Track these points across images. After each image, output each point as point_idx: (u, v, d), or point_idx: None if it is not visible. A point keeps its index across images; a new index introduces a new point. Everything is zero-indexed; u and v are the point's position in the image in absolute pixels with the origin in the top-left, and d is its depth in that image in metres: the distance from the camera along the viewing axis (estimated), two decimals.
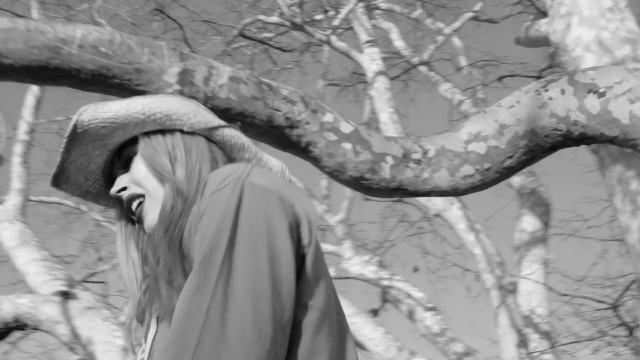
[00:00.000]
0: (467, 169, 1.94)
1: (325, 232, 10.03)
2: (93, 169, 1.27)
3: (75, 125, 1.19)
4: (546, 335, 5.42)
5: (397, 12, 8.41)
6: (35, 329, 4.57)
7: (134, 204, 1.19)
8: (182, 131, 1.21)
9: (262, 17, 6.35)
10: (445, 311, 10.26)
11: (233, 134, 1.24)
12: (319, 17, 7.86)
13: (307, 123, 1.88)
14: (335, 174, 1.94)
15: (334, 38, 5.67)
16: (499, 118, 1.94)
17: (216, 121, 1.23)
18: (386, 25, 8.73)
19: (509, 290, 4.06)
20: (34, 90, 5.73)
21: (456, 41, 8.48)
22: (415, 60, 7.46)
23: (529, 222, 6.52)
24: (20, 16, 6.96)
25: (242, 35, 6.52)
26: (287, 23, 5.69)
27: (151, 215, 1.17)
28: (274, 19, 6.22)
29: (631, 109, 1.78)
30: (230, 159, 1.24)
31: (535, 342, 5.55)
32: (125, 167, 1.23)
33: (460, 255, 7.10)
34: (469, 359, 5.72)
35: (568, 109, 1.86)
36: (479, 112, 2.01)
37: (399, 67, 8.87)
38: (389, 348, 5.49)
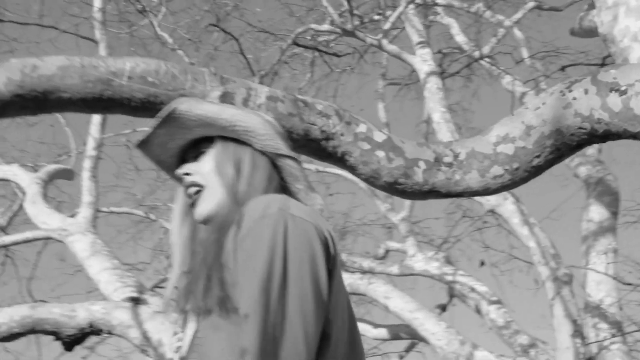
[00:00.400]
0: (497, 170, 2.04)
1: (390, 230, 10.15)
2: (171, 147, 1.45)
3: (172, 111, 1.37)
4: (615, 325, 5.42)
5: (456, 6, 8.43)
6: (109, 333, 4.80)
7: (192, 189, 1.36)
8: (252, 147, 1.38)
9: (313, 25, 6.49)
10: (511, 304, 10.23)
11: (293, 165, 1.40)
12: (372, 19, 7.98)
13: (342, 134, 2.01)
14: (371, 180, 2.07)
15: (385, 42, 5.76)
16: (525, 120, 2.03)
17: (283, 150, 1.38)
18: (446, 20, 8.78)
19: (564, 281, 4.10)
20: None
21: (517, 33, 8.47)
22: (477, 54, 7.49)
23: (597, 212, 6.49)
24: (86, 38, 7.28)
25: (295, 43, 6.71)
26: (338, 30, 5.83)
27: (203, 205, 1.35)
28: (326, 26, 6.35)
29: None
30: (282, 184, 1.40)
31: (603, 332, 5.56)
32: (196, 157, 1.41)
33: (527, 248, 7.13)
34: (534, 350, 5.75)
35: (591, 108, 1.94)
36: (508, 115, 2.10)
37: (460, 62, 8.92)
38: (451, 342, 5.57)
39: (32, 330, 4.77)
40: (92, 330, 4.87)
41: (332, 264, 1.21)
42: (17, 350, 10.14)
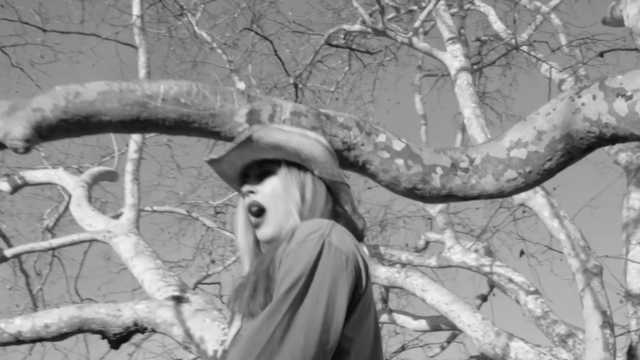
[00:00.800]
0: (511, 173, 2.16)
1: (430, 222, 10.25)
2: (237, 165, 1.62)
3: (249, 137, 1.54)
4: None
5: None
6: (153, 331, 4.99)
7: (255, 209, 1.54)
8: (312, 173, 1.57)
9: (345, 26, 6.62)
10: (550, 294, 10.24)
11: (345, 190, 1.59)
12: (406, 11, 8.06)
13: (362, 145, 2.14)
14: (391, 187, 2.20)
15: (415, 40, 5.85)
16: (537, 125, 2.14)
17: (338, 177, 1.58)
18: (483, 8, 8.83)
19: (593, 273, 4.16)
20: None
21: (555, 20, 8.47)
22: (514, 41, 7.53)
23: (637, 199, 6.49)
24: (126, 44, 7.50)
25: (328, 44, 6.86)
26: (369, 30, 5.94)
27: (267, 229, 1.54)
28: (357, 27, 6.46)
29: None
30: (335, 202, 1.59)
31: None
32: (259, 175, 1.59)
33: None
34: (571, 340, 5.81)
35: (599, 113, 2.04)
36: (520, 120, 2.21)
37: (497, 51, 8.97)
38: (487, 333, 5.66)
39: (79, 329, 4.99)
40: (137, 329, 5.07)
41: (362, 289, 1.38)
42: (66, 347, 10.45)
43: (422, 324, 8.92)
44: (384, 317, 9.31)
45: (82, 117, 1.95)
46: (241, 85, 8.30)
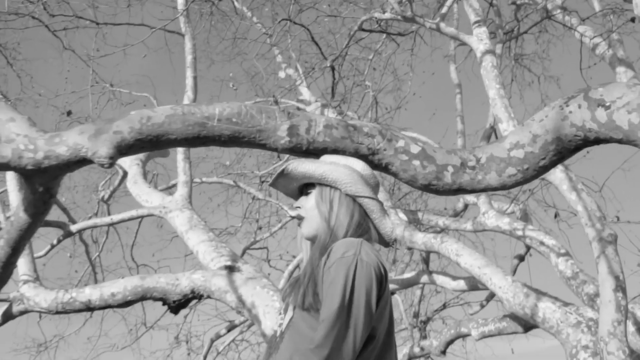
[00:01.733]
0: (511, 170, 2.55)
1: None
2: (293, 186, 2.21)
3: (282, 170, 2.12)
4: None
5: None
6: (209, 297, 5.50)
7: (300, 218, 2.13)
8: (341, 190, 2.12)
9: (377, 14, 6.95)
10: (579, 256, 10.58)
11: (369, 202, 2.13)
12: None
13: (385, 149, 2.55)
14: (410, 183, 2.61)
15: (442, 25, 6.16)
16: (532, 130, 2.52)
17: (361, 192, 2.12)
18: None
19: (608, 241, 4.51)
20: (188, 94, 6.65)
21: None
22: (546, 9, 7.76)
23: None
24: (173, 32, 7.92)
25: (362, 29, 7.23)
26: (399, 17, 6.26)
27: (303, 230, 2.11)
28: (387, 15, 6.77)
29: (629, 118, 2.32)
30: (362, 213, 2.13)
31: None
32: (307, 193, 2.16)
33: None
34: (599, 299, 6.18)
35: (584, 120, 2.41)
36: (519, 125, 2.59)
37: (531, 18, 9.18)
38: (517, 295, 6.06)
39: (142, 297, 5.52)
40: (193, 296, 5.58)
41: (383, 290, 1.90)
42: (123, 310, 11.16)
43: (461, 284, 9.32)
44: (424, 279, 9.74)
45: (153, 137, 2.40)
46: (282, 74, 8.69)
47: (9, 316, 5.64)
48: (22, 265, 5.71)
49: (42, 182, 2.49)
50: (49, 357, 11.78)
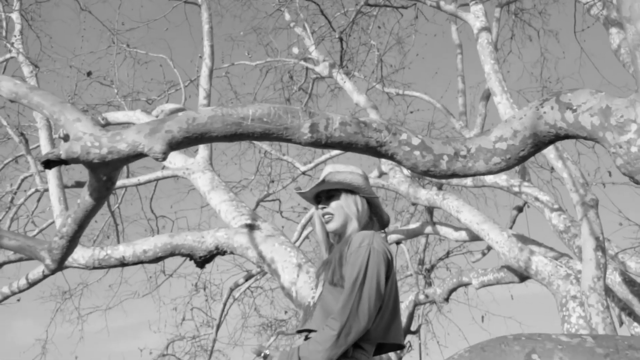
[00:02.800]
0: (496, 159, 3.04)
1: None
2: (312, 192, 2.81)
3: (324, 179, 2.78)
4: None
5: None
6: (232, 253, 6.04)
7: (327, 217, 2.72)
8: (359, 194, 2.74)
9: None
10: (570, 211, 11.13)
11: (377, 202, 2.77)
12: None
13: (390, 142, 3.05)
14: (412, 169, 3.10)
15: (442, 3, 6.55)
16: (513, 126, 3.01)
17: (372, 194, 2.77)
18: None
19: (590, 205, 5.00)
20: (206, 62, 7.10)
21: None
22: None
23: None
24: (190, 2, 8.33)
25: (367, 4, 7.63)
26: None
27: (333, 224, 2.72)
28: None
29: (591, 120, 2.80)
30: (372, 209, 2.77)
31: None
32: (328, 198, 2.77)
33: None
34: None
35: (555, 119, 2.90)
36: (502, 122, 3.07)
37: None
38: (512, 249, 6.59)
39: (171, 253, 6.08)
40: (218, 252, 6.13)
41: (390, 270, 2.48)
42: None
43: (463, 234, 9.87)
44: (428, 229, 10.29)
45: (198, 135, 2.90)
46: (295, 50, 9.09)
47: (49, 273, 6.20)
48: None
49: (105, 173, 3.00)
50: (73, 304, 12.46)
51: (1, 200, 10.22)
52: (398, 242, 10.78)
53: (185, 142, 2.92)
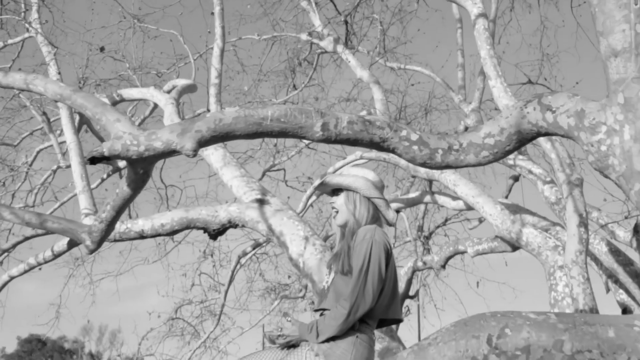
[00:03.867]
0: (485, 153, 3.45)
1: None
2: (325, 190, 3.29)
3: (323, 181, 3.20)
4: None
5: None
6: (243, 226, 6.47)
7: (333, 212, 3.16)
8: (360, 193, 3.17)
9: None
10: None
11: (378, 201, 3.22)
12: None
13: (392, 138, 3.46)
14: (410, 161, 3.52)
15: None
16: (500, 124, 3.41)
17: (373, 194, 3.21)
18: None
19: (575, 184, 5.41)
20: (217, 42, 7.47)
21: None
22: None
23: None
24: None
25: None
26: None
27: (338, 219, 3.18)
28: None
29: (568, 121, 3.21)
30: (376, 209, 3.19)
31: None
32: (336, 194, 3.23)
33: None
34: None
35: (537, 119, 3.30)
36: (491, 119, 3.48)
37: None
38: (505, 221, 7.03)
39: (187, 227, 6.51)
40: (230, 225, 6.56)
41: (389, 259, 2.93)
42: None
43: (460, 203, 10.30)
44: (427, 198, 10.73)
45: (224, 133, 3.31)
46: (303, 37, 9.44)
47: (73, 244, 6.64)
48: (83, 200, 6.68)
49: (142, 167, 3.42)
50: (85, 270, 12.96)
51: (17, 171, 10.63)
52: (398, 211, 11.21)
53: (212, 140, 3.33)
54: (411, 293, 11.55)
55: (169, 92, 9.33)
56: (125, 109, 12.62)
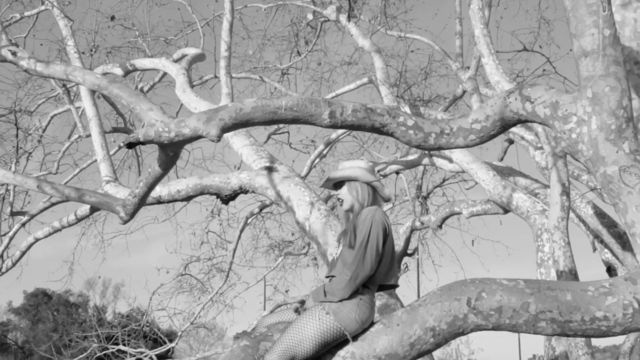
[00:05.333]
0: (472, 137, 3.93)
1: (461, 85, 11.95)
2: (324, 186, 3.78)
3: (328, 177, 3.72)
4: None
5: None
6: (253, 192, 6.98)
7: (340, 200, 3.67)
8: (360, 181, 3.67)
9: None
10: None
11: (377, 184, 3.71)
12: None
13: (390, 124, 3.93)
14: (407, 144, 4.00)
15: None
16: (486, 112, 3.89)
17: (372, 180, 3.69)
18: None
19: (559, 156, 5.89)
20: (227, 17, 7.88)
21: None
22: None
23: None
24: None
25: None
26: None
27: (344, 207, 3.68)
28: None
29: (544, 111, 3.68)
30: (374, 191, 3.68)
31: None
32: (340, 186, 3.72)
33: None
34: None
35: (518, 108, 3.77)
36: (479, 106, 3.95)
37: None
38: (496, 186, 7.54)
39: (201, 192, 7.03)
40: (241, 191, 7.07)
41: (387, 235, 3.45)
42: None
43: (456, 166, 10.78)
44: (425, 161, 11.22)
45: (244, 121, 3.79)
46: (310, 17, 9.80)
47: (94, 209, 7.16)
48: (104, 168, 7.17)
49: (172, 150, 3.91)
50: (97, 229, 13.51)
51: (31, 135, 11.08)
52: (397, 172, 11.70)
53: (233, 127, 3.81)
54: (409, 251, 12.11)
55: (178, 60, 9.77)
56: (135, 73, 13.03)
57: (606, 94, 3.48)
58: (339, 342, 3.29)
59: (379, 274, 3.43)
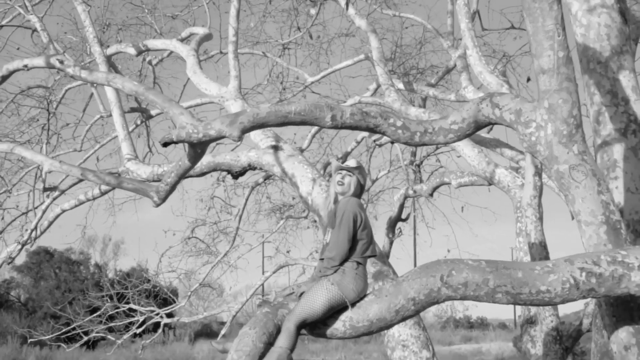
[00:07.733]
0: (451, 135, 4.68)
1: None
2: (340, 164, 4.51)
3: (347, 163, 4.54)
4: None
5: None
6: (261, 169, 7.73)
7: (339, 183, 4.45)
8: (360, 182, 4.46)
9: None
10: None
11: (363, 178, 4.47)
12: None
13: (382, 124, 4.68)
14: (396, 141, 4.75)
15: None
16: (462, 114, 4.63)
17: (360, 175, 4.46)
18: None
19: None
20: (234, 3, 8.55)
21: None
22: None
23: None
24: None
25: None
26: None
27: (341, 190, 4.44)
28: None
29: (510, 116, 4.43)
30: (361, 187, 4.48)
31: None
32: (343, 176, 4.49)
33: None
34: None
35: (489, 113, 4.52)
36: (455, 110, 4.71)
37: None
38: (480, 162, 8.31)
39: (213, 169, 7.78)
40: (250, 168, 7.82)
41: (360, 222, 4.25)
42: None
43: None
44: None
45: (260, 124, 4.54)
46: (312, 12, 10.45)
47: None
48: (125, 147, 7.91)
49: (200, 147, 4.66)
50: (107, 195, 14.25)
51: (48, 110, 11.75)
52: (392, 142, 12.45)
53: (251, 128, 4.56)
54: (403, 217, 12.91)
55: (186, 38, 10.42)
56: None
57: (560, 105, 4.21)
58: (340, 308, 4.09)
59: (364, 250, 4.21)
